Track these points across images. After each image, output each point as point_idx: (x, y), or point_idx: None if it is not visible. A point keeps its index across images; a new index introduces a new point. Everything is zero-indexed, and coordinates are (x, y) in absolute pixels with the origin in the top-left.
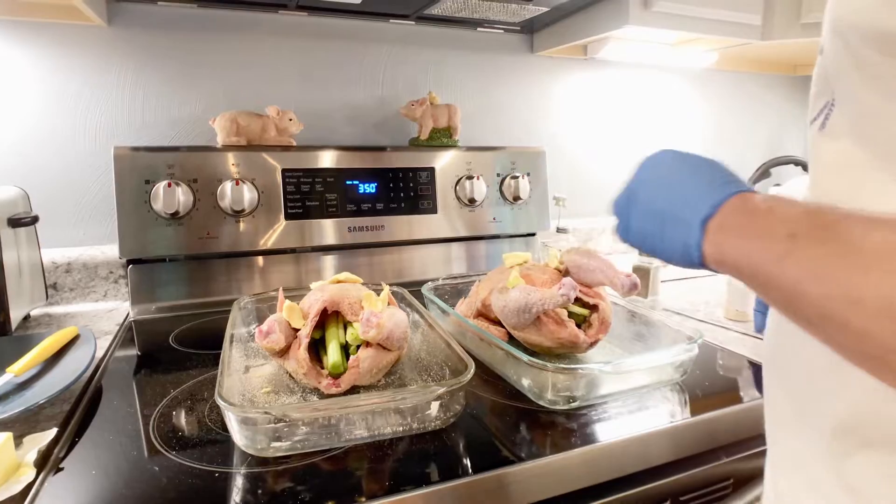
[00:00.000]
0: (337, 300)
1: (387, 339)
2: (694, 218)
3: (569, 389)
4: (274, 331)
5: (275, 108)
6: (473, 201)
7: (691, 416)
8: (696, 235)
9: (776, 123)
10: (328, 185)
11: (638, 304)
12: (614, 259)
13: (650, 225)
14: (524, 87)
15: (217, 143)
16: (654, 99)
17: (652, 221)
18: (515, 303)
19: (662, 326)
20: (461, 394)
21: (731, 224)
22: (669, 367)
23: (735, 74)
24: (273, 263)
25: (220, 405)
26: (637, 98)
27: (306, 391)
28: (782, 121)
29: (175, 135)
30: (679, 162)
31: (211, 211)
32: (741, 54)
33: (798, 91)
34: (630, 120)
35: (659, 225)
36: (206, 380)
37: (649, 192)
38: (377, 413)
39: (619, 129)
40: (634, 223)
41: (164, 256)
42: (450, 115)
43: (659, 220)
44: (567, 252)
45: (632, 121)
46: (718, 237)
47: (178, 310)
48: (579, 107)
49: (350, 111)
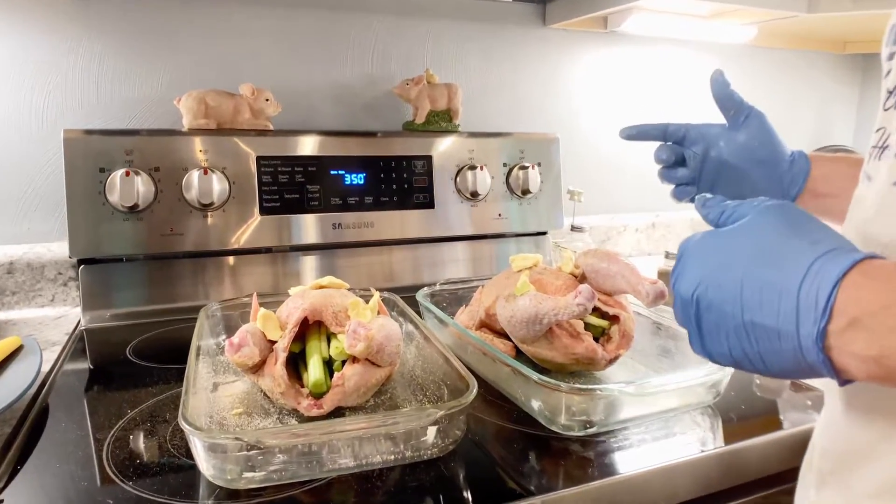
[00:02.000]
0: (319, 308)
1: (376, 353)
2: (804, 328)
3: (585, 413)
4: (247, 343)
5: (249, 86)
6: (476, 195)
7: (725, 445)
8: (813, 353)
9: (822, 108)
10: (310, 176)
11: (664, 314)
12: (637, 262)
13: (738, 344)
14: (535, 65)
15: (182, 127)
16: (683, 79)
17: (739, 340)
18: (524, 312)
19: None
20: (462, 417)
21: (863, 320)
22: (700, 387)
23: (776, 52)
24: (246, 265)
25: (184, 429)
26: (664, 78)
27: (283, 413)
28: (829, 105)
29: (134, 116)
30: (741, 243)
31: (175, 204)
32: (784, 29)
33: (847, 71)
34: (656, 103)
35: (751, 343)
36: (169, 398)
37: (718, 302)
38: (365, 439)
39: (643, 113)
40: (713, 344)
41: (121, 256)
42: (449, 95)
43: (750, 338)
44: (584, 254)
45: (658, 104)
46: (847, 341)
47: (137, 317)
48: (598, 87)
49: (335, 91)
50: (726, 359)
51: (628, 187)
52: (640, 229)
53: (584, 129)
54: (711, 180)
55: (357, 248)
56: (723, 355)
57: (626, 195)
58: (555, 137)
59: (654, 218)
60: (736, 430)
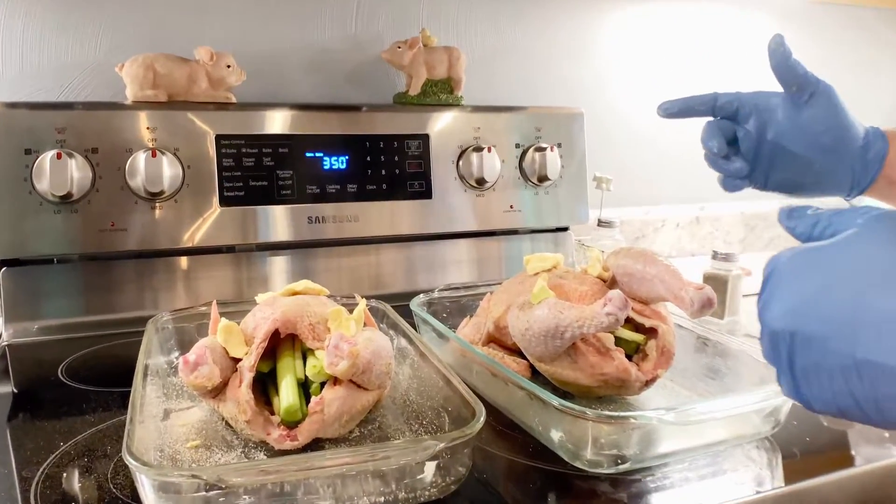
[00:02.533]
0: (293, 319)
1: (362, 374)
2: None
3: (616, 446)
4: (205, 361)
5: (207, 49)
6: (483, 182)
7: (785, 485)
8: None
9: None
10: (280, 159)
11: (712, 326)
12: (679, 264)
13: (846, 389)
14: (554, 25)
15: (126, 99)
16: (731, 44)
17: (847, 383)
18: (542, 324)
19: (745, 359)
20: (466, 451)
21: None
22: (755, 415)
23: (845, 10)
24: (203, 267)
25: (129, 465)
26: (709, 42)
27: (250, 446)
28: None
29: (67, 87)
30: (850, 261)
31: (117, 193)
32: None
33: None
34: (698, 71)
35: (865, 387)
36: (111, 429)
37: (821, 336)
38: (349, 477)
39: (683, 84)
40: (812, 388)
41: (52, 256)
42: (450, 62)
43: (863, 381)
44: (614, 254)
45: (702, 73)
46: None
47: (71, 330)
48: (630, 53)
49: (312, 56)
50: (828, 406)
51: (667, 173)
52: (681, 224)
53: (613, 103)
54: (767, 166)
55: (338, 246)
56: (824, 402)
57: (664, 183)
58: (578, 112)
59: (698, 211)
60: (799, 468)
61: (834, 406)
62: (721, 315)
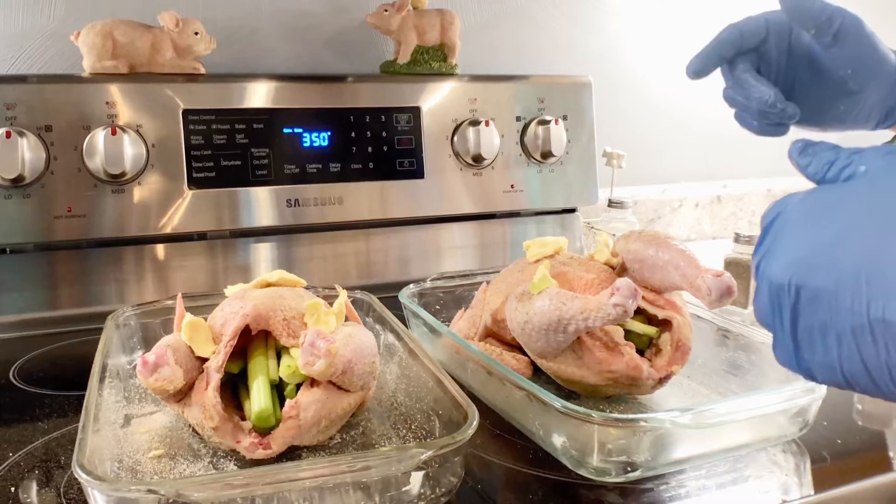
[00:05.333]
0: (265, 314)
1: (342, 374)
2: None
3: (626, 452)
4: (166, 362)
5: (172, 14)
6: (480, 160)
7: (814, 493)
8: None
9: None
10: (256, 136)
11: (734, 317)
12: (697, 248)
13: (855, 353)
14: None
15: (83, 71)
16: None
17: (858, 346)
18: (543, 317)
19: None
20: (458, 459)
21: None
22: (781, 416)
23: None
24: (171, 257)
25: (79, 478)
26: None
27: (218, 455)
28: None
29: (18, 58)
30: (866, 206)
31: (74, 175)
32: None
33: None
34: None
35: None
36: (66, 436)
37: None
38: (328, 489)
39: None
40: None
41: (3, 245)
42: (443, 26)
43: (878, 343)
44: (624, 238)
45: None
46: None
47: (23, 327)
48: (642, 14)
49: (290, 20)
50: (830, 373)
51: (686, 147)
52: (701, 204)
53: (625, 70)
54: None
55: (321, 231)
56: (826, 367)
57: (682, 158)
58: (586, 81)
59: (720, 189)
60: (829, 473)
61: (839, 374)
62: (744, 304)
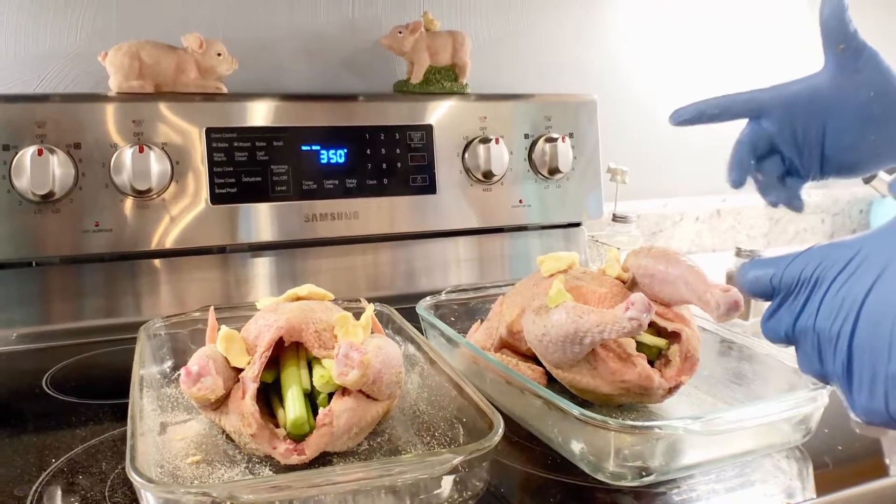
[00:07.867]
0: (298, 326)
1: (373, 384)
2: None
3: (640, 457)
4: (208, 372)
5: (196, 36)
6: (490, 175)
7: (817, 497)
8: None
9: None
10: (274, 153)
11: (736, 329)
12: (698, 261)
13: None
14: (565, 5)
15: (110, 91)
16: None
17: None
18: (560, 329)
19: (773, 363)
20: (485, 464)
21: None
22: (785, 423)
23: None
24: (188, 269)
25: (133, 482)
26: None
27: (253, 461)
28: None
29: (46, 77)
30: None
31: (101, 191)
32: None
33: None
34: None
35: None
36: (105, 443)
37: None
38: (361, 493)
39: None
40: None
41: (31, 259)
42: (454, 47)
43: None
44: (635, 254)
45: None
46: None
47: (53, 337)
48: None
49: (307, 42)
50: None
51: (686, 163)
52: (701, 218)
53: (628, 88)
54: (818, 154)
55: (335, 245)
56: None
57: (683, 173)
58: (591, 100)
59: (719, 203)
60: (831, 478)
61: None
62: (746, 316)
